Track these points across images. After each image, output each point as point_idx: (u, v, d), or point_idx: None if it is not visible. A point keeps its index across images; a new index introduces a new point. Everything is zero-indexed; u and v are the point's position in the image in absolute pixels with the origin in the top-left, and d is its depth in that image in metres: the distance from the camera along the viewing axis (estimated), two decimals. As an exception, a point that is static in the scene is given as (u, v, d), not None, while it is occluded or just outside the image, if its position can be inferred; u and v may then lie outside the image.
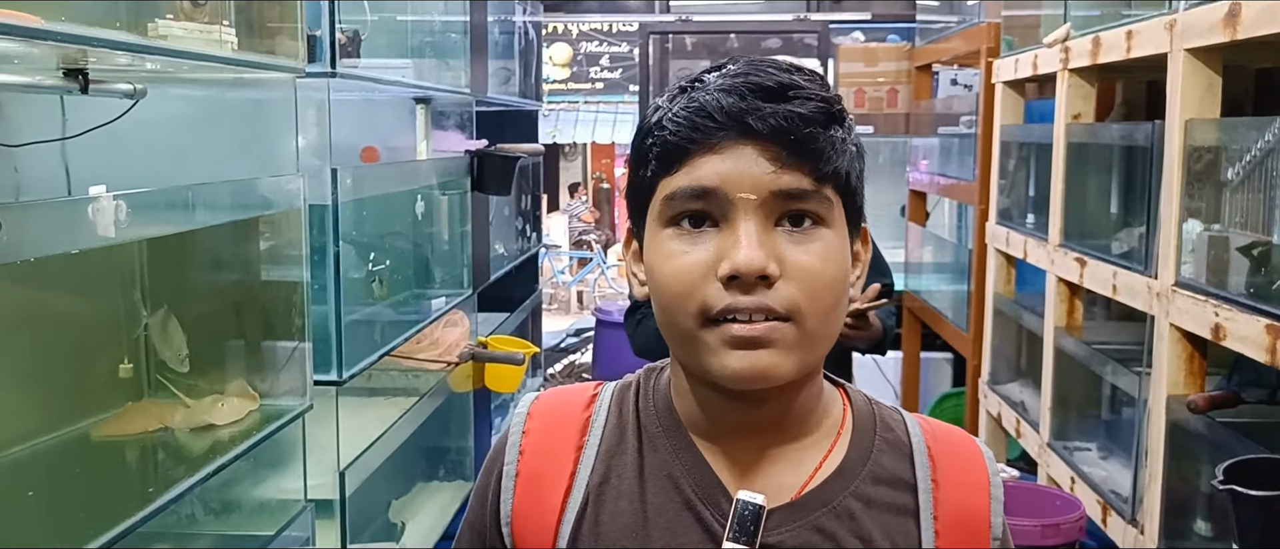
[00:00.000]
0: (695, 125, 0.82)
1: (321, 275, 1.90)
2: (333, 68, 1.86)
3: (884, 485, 0.89)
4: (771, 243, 0.81)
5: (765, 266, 0.80)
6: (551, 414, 0.95)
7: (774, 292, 0.81)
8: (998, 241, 3.35)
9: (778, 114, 0.81)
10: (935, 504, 0.89)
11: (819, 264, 0.82)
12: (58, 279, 1.48)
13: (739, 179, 0.81)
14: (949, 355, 4.94)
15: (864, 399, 0.95)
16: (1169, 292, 2.02)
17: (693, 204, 0.82)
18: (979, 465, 0.92)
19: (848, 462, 0.89)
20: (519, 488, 0.92)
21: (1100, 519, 2.39)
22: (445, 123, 2.96)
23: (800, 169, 0.81)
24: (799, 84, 0.83)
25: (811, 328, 0.82)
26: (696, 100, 0.83)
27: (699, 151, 0.82)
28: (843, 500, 0.88)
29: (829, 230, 0.83)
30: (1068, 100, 2.70)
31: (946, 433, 0.95)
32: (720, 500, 0.87)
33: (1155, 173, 2.15)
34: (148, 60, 1.42)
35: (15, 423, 1.43)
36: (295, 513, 1.76)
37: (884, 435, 0.92)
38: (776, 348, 0.81)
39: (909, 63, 5.13)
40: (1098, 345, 2.60)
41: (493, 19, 3.28)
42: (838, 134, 0.83)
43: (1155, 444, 2.09)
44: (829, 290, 0.83)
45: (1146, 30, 2.16)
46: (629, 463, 0.90)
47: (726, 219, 0.82)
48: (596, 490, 0.90)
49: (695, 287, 0.81)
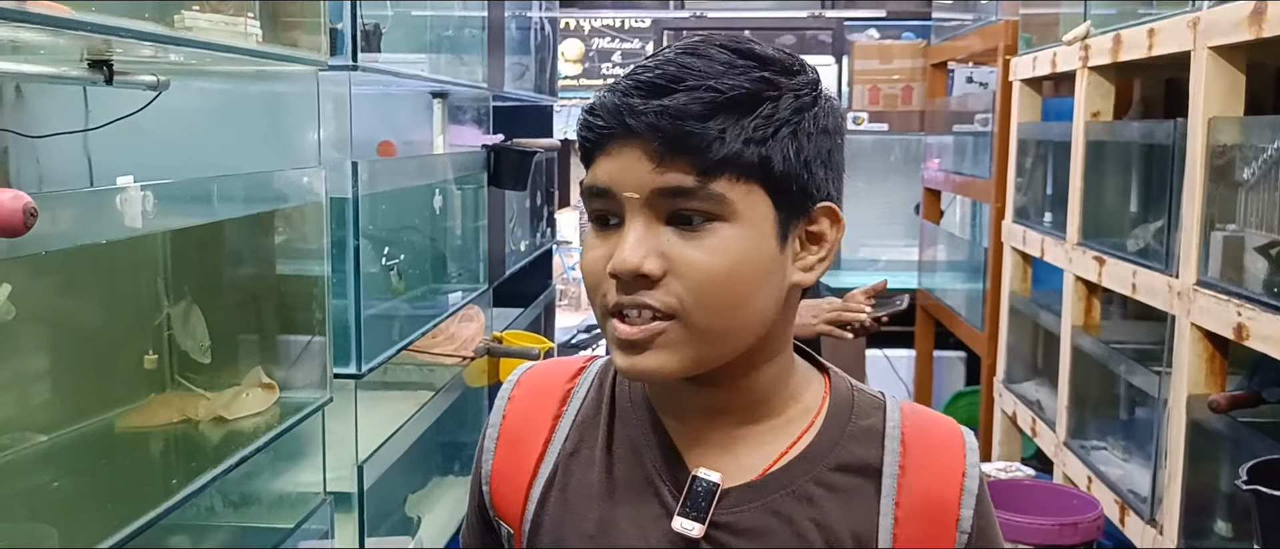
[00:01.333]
0: (589, 126, 0.83)
1: (341, 269, 1.90)
2: (354, 61, 1.86)
3: (851, 472, 0.89)
4: (656, 241, 0.81)
5: (640, 266, 0.80)
6: (537, 383, 0.97)
7: (656, 290, 0.81)
8: (1014, 240, 3.34)
9: (650, 111, 0.80)
10: (899, 490, 0.88)
11: (708, 260, 0.81)
12: (83, 270, 1.48)
13: (624, 178, 0.81)
14: (962, 354, 4.93)
15: (846, 385, 0.94)
16: (1190, 291, 2.01)
17: (595, 203, 0.84)
18: (955, 455, 0.90)
19: (815, 447, 0.89)
20: (499, 450, 0.95)
21: (1118, 519, 2.39)
22: (462, 117, 2.96)
23: (681, 165, 0.80)
24: (695, 73, 0.81)
25: (702, 324, 0.82)
26: (594, 100, 0.84)
27: (597, 151, 0.83)
28: (803, 485, 0.88)
29: (728, 224, 0.81)
30: (1087, 98, 2.69)
31: (928, 421, 0.93)
32: (680, 477, 0.88)
33: (1177, 171, 2.14)
34: (171, 52, 1.42)
35: (42, 414, 1.43)
36: (314, 506, 1.76)
37: (859, 421, 0.91)
38: (658, 349, 0.82)
39: (924, 60, 5.11)
40: (1115, 344, 2.59)
41: (509, 14, 3.28)
42: (731, 122, 0.80)
43: (1175, 444, 2.08)
44: (721, 286, 0.81)
45: (1169, 28, 2.15)
46: (600, 435, 0.92)
47: (624, 218, 0.82)
48: (567, 460, 0.92)
49: (598, 282, 0.83)
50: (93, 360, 1.51)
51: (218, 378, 1.62)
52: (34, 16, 1.02)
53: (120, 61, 1.42)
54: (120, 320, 1.51)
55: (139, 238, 1.41)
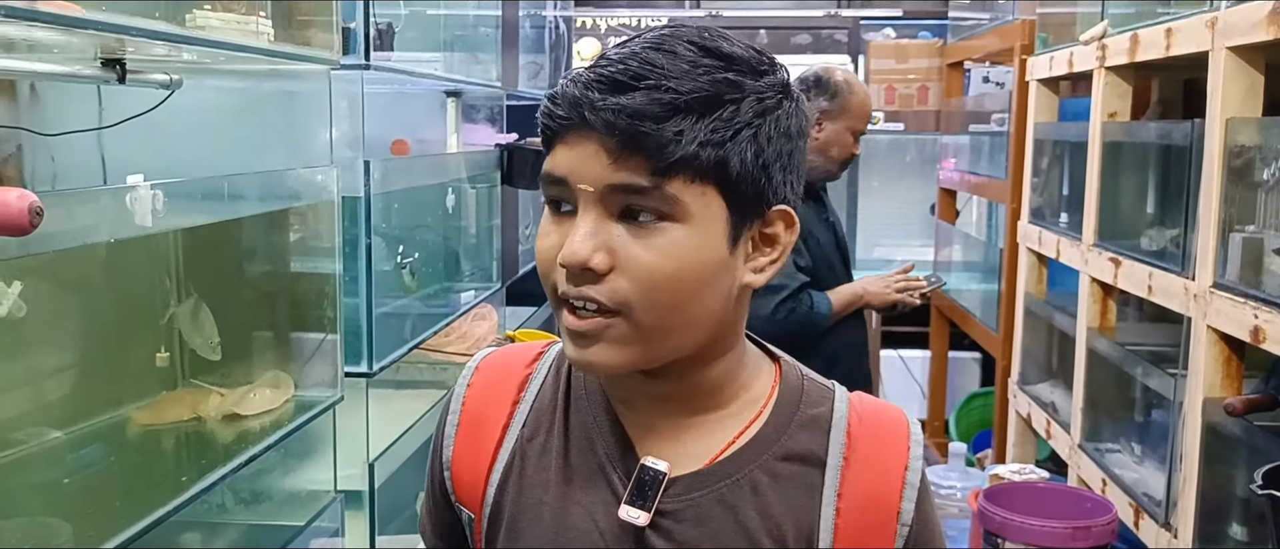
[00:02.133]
0: (550, 114, 0.83)
1: (353, 267, 1.90)
2: (366, 60, 1.86)
3: (795, 462, 0.89)
4: (605, 235, 0.81)
5: (587, 260, 0.80)
6: (496, 370, 0.98)
7: (603, 284, 0.81)
8: (1030, 241, 3.32)
9: (608, 108, 0.79)
10: (842, 482, 0.88)
11: (655, 259, 0.81)
12: (95, 268, 1.49)
13: (580, 171, 0.81)
14: (977, 355, 4.90)
15: (797, 374, 0.94)
16: (1207, 293, 2.00)
17: (552, 189, 0.84)
18: (898, 447, 0.91)
19: (761, 436, 0.90)
20: (459, 436, 0.96)
21: (1132, 522, 2.37)
22: (475, 116, 2.96)
23: (635, 163, 0.80)
24: (658, 71, 0.80)
25: (647, 322, 0.82)
26: (558, 89, 0.84)
27: (557, 139, 0.83)
28: (749, 473, 0.88)
29: (679, 225, 0.81)
30: (1104, 98, 2.67)
31: (877, 413, 0.93)
32: (630, 464, 0.89)
33: (1194, 173, 2.12)
34: (184, 51, 1.43)
35: (56, 410, 1.44)
36: (325, 504, 1.77)
37: (807, 410, 0.91)
38: (605, 342, 0.83)
39: (940, 60, 5.09)
40: (1131, 346, 2.58)
41: (523, 13, 3.28)
42: (687, 124, 0.79)
43: (1190, 447, 2.07)
44: (668, 286, 0.82)
45: (1187, 28, 2.14)
46: (556, 422, 0.93)
47: (576, 206, 0.83)
48: (525, 445, 0.93)
49: (550, 269, 0.84)
50: (105, 358, 1.51)
51: (230, 375, 1.63)
52: (47, 16, 1.03)
53: (133, 60, 1.42)
54: (132, 318, 1.51)
55: (151, 236, 1.42)
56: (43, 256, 1.24)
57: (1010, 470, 2.88)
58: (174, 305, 1.45)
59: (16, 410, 1.39)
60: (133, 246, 1.38)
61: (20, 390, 1.40)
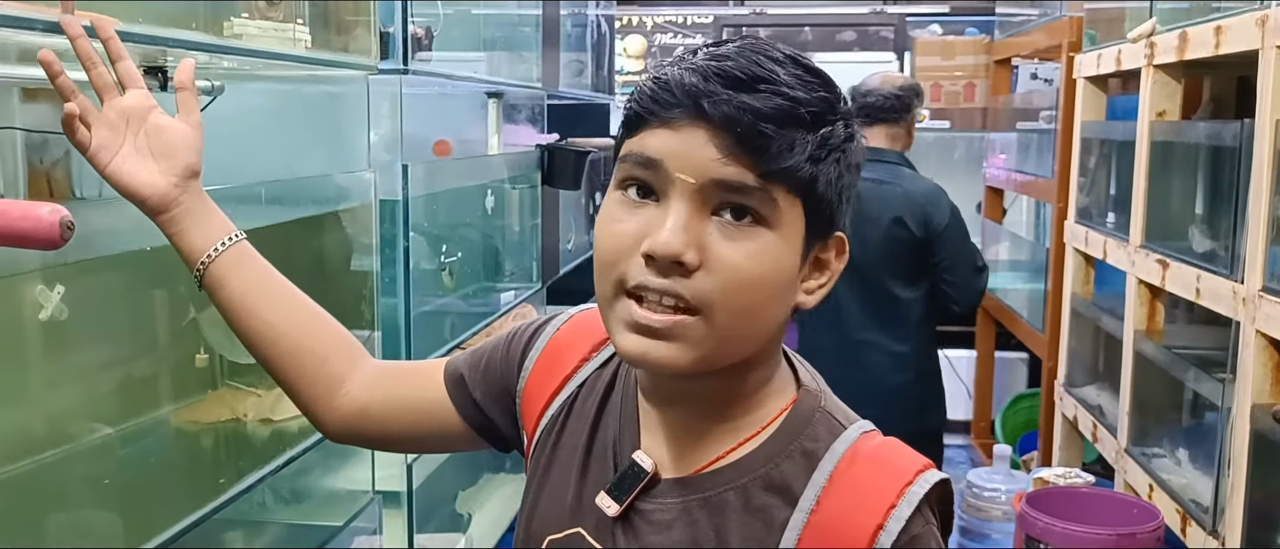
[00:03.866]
0: (656, 97, 0.82)
1: (392, 269, 1.93)
2: (405, 64, 1.88)
3: (773, 492, 0.86)
4: (699, 230, 0.80)
5: (682, 253, 0.79)
6: (584, 326, 1.01)
7: (690, 281, 0.80)
8: (1076, 241, 3.28)
9: (732, 103, 0.79)
10: (807, 526, 0.84)
11: (744, 262, 0.81)
12: (136, 271, 1.52)
13: (682, 159, 0.80)
14: (1024, 355, 4.85)
15: (813, 405, 0.90)
16: (1256, 297, 1.96)
17: (638, 171, 0.82)
18: (885, 494, 0.83)
19: (750, 458, 0.88)
20: (541, 359, 1.00)
21: (1180, 529, 2.33)
22: (517, 117, 2.97)
23: (746, 162, 0.80)
24: (774, 77, 0.80)
25: (722, 324, 0.81)
26: (666, 72, 0.82)
27: (655, 123, 0.82)
28: (723, 492, 0.87)
29: (770, 231, 0.81)
30: (1152, 97, 2.62)
31: (877, 461, 0.86)
32: (627, 454, 0.90)
33: (1243, 174, 2.08)
34: (225, 58, 1.45)
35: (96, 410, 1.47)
36: (363, 504, 1.79)
37: (804, 444, 0.88)
38: (676, 342, 0.81)
39: (988, 56, 5.03)
40: (1179, 350, 2.53)
41: (565, 12, 3.29)
42: (800, 135, 0.80)
43: (1238, 453, 2.03)
44: (750, 290, 0.81)
45: (1237, 26, 2.09)
46: (598, 395, 0.95)
47: (665, 196, 0.81)
48: (571, 405, 0.96)
49: (620, 256, 0.82)
50: (145, 359, 1.55)
51: (267, 376, 1.65)
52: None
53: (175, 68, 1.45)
54: (173, 320, 1.54)
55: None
56: (85, 261, 1.27)
57: (1054, 474, 2.84)
58: (193, 311, 1.47)
59: (57, 410, 1.42)
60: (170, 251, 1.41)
61: (60, 391, 1.43)
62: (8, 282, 1.18)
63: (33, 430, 1.36)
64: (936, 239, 2.92)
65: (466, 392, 1.03)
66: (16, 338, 1.32)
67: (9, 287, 1.21)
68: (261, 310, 1.07)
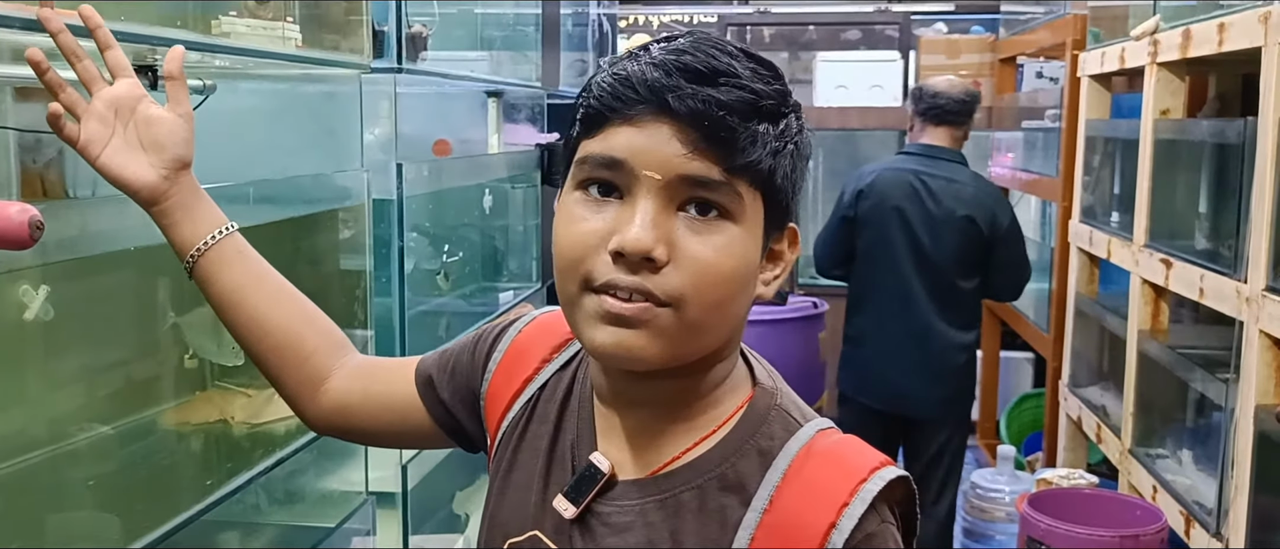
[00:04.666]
0: (617, 93, 0.80)
1: (386, 270, 1.91)
2: (399, 63, 1.87)
3: (728, 492, 0.85)
4: (667, 226, 0.80)
5: (652, 249, 0.78)
6: (546, 328, 1.01)
7: (659, 277, 0.79)
8: (1081, 240, 3.26)
9: (697, 97, 0.78)
10: (760, 525, 0.83)
11: (713, 257, 0.80)
12: (126, 270, 1.51)
13: (648, 156, 0.79)
14: (1030, 355, 4.82)
15: (768, 402, 0.89)
16: (1259, 296, 1.94)
17: (601, 172, 0.81)
18: (837, 491, 0.82)
19: (705, 459, 0.87)
20: (504, 360, 1.00)
21: (1183, 531, 2.31)
22: (517, 116, 2.96)
23: (711, 157, 0.79)
24: (734, 71, 0.80)
25: (692, 318, 0.80)
26: (625, 69, 0.81)
27: (617, 121, 0.80)
28: (679, 493, 0.86)
29: (735, 225, 0.81)
30: (1156, 95, 2.61)
31: (831, 458, 0.85)
32: (584, 458, 0.90)
33: (1247, 172, 2.06)
34: (215, 57, 1.44)
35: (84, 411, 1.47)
36: (356, 506, 1.78)
37: (759, 442, 0.86)
38: (647, 330, 0.80)
39: (993, 55, 5.01)
40: (1183, 349, 2.51)
41: (567, 12, 3.28)
42: (762, 128, 0.80)
43: (1242, 454, 2.01)
44: (719, 285, 0.81)
45: (1240, 23, 2.07)
46: (558, 399, 0.95)
47: (630, 193, 0.80)
48: (532, 406, 0.96)
49: (585, 254, 0.81)
50: (132, 359, 1.54)
51: (259, 376, 1.64)
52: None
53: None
54: (161, 320, 1.53)
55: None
56: (73, 261, 1.26)
57: (1058, 475, 2.82)
58: (173, 316, 1.46)
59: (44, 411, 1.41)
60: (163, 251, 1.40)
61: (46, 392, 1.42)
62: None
63: (19, 431, 1.35)
64: (1000, 238, 3.15)
65: (435, 392, 1.03)
66: (1, 338, 1.32)
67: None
68: (249, 304, 1.07)
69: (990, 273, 3.18)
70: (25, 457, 1.38)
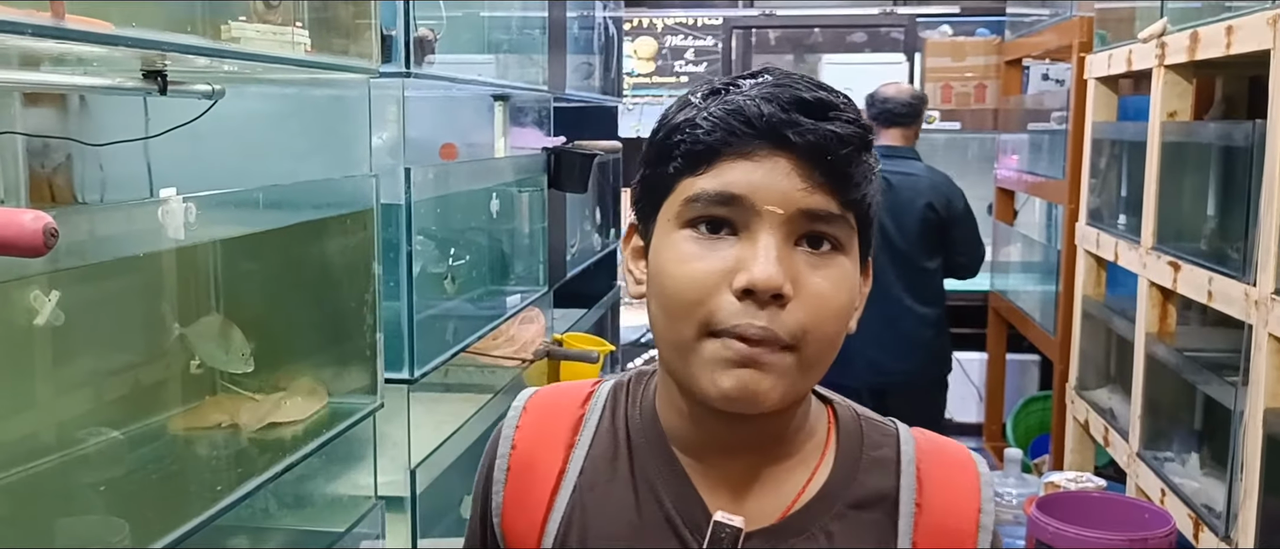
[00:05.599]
0: (731, 128, 0.79)
1: (395, 274, 1.92)
2: (407, 68, 1.87)
3: (866, 508, 0.86)
4: (789, 261, 0.79)
5: (783, 285, 0.77)
6: (547, 409, 0.94)
7: (784, 314, 0.78)
8: (1087, 243, 3.25)
9: (817, 131, 0.78)
10: (916, 528, 0.85)
11: (831, 290, 0.80)
12: (132, 275, 1.51)
13: (768, 191, 0.78)
14: (1036, 357, 4.81)
15: (852, 416, 0.91)
16: (1268, 299, 1.93)
17: (716, 209, 0.79)
18: (970, 489, 0.88)
19: (830, 484, 0.86)
20: (510, 480, 0.92)
21: (1192, 534, 2.30)
22: (523, 119, 2.96)
23: (830, 191, 0.79)
24: (836, 104, 0.80)
25: (810, 356, 0.80)
26: (733, 103, 0.80)
27: (730, 156, 0.79)
28: (823, 524, 0.85)
29: (845, 257, 0.81)
30: (1163, 98, 2.60)
31: (942, 450, 0.90)
32: (699, 519, 0.85)
33: (1255, 175, 2.05)
34: (223, 62, 1.44)
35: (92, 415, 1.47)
36: (365, 510, 1.78)
37: (871, 454, 0.88)
38: (772, 373, 0.78)
39: (998, 57, 5.00)
40: (1191, 352, 2.50)
41: (572, 15, 3.28)
42: (869, 161, 0.81)
43: (1252, 458, 2.00)
44: (835, 319, 0.80)
45: (1248, 25, 2.07)
46: (619, 471, 0.89)
47: (747, 229, 0.79)
48: (584, 494, 0.89)
49: (706, 295, 0.78)
50: (139, 363, 1.54)
51: (267, 381, 1.65)
52: (76, 33, 1.04)
53: (175, 71, 1.44)
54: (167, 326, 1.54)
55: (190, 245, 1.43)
56: (83, 267, 1.27)
57: (1065, 478, 2.81)
58: (178, 328, 1.46)
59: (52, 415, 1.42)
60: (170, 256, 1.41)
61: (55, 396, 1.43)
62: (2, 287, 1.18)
63: (29, 436, 1.36)
64: (956, 219, 3.52)
65: None
66: (11, 344, 1.32)
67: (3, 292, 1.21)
68: None
69: (949, 253, 3.54)
70: (35, 462, 1.39)
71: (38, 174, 1.69)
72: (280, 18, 1.41)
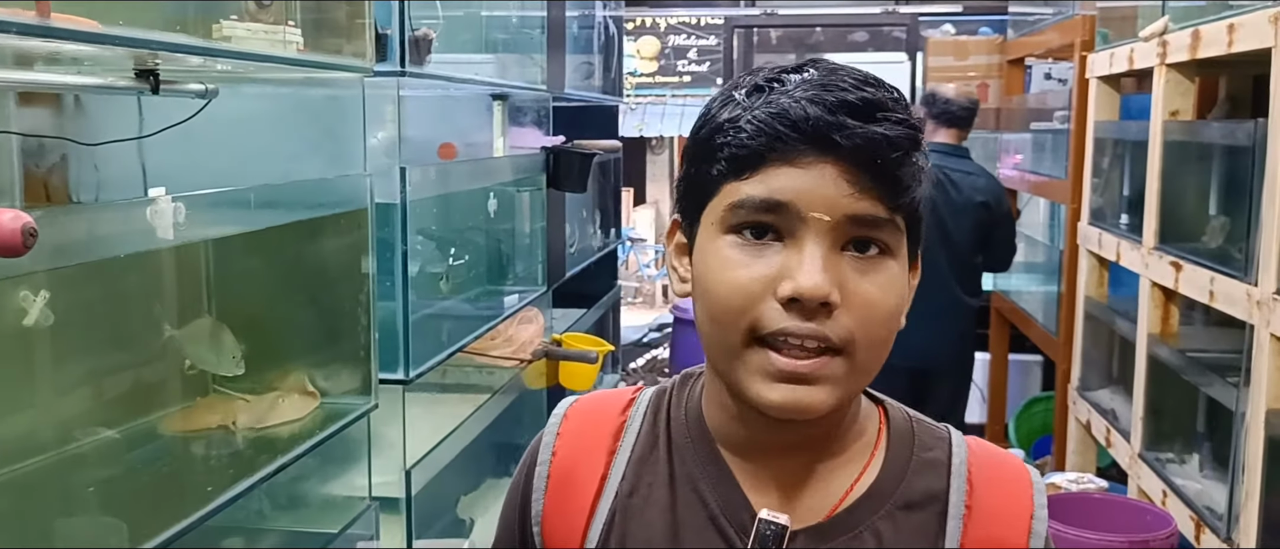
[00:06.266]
0: (777, 133, 0.76)
1: (389, 275, 1.91)
2: (402, 67, 1.86)
3: (916, 509, 0.84)
4: (836, 268, 0.77)
5: (830, 294, 0.75)
6: (587, 417, 0.93)
7: (832, 321, 0.76)
8: (1090, 243, 3.24)
9: (865, 135, 0.75)
10: (965, 532, 0.83)
11: (880, 296, 0.78)
12: (121, 276, 1.51)
13: (814, 198, 0.76)
14: (1039, 358, 4.80)
15: (904, 417, 0.89)
16: (1270, 299, 1.92)
17: (761, 216, 0.77)
18: (1023, 496, 0.86)
19: (879, 484, 0.85)
20: (551, 488, 0.91)
21: (1193, 536, 2.29)
22: (522, 119, 2.95)
23: (878, 195, 0.76)
24: (885, 103, 0.77)
25: (861, 361, 0.78)
26: (778, 105, 0.77)
27: (775, 162, 0.77)
28: (872, 522, 0.84)
29: (893, 260, 0.79)
30: (1165, 96, 2.59)
31: (995, 458, 0.88)
32: (744, 519, 0.84)
33: (1257, 174, 2.04)
34: (217, 61, 1.43)
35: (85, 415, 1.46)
36: (359, 511, 1.77)
37: (922, 455, 0.87)
38: (822, 384, 0.77)
39: (1001, 56, 4.98)
40: (1193, 353, 2.49)
41: (572, 14, 3.27)
42: (918, 162, 0.78)
43: (1253, 459, 1.99)
44: (885, 323, 0.79)
45: (1249, 23, 2.06)
46: (660, 474, 0.88)
47: (792, 236, 0.77)
48: (626, 499, 0.88)
49: (751, 303, 0.77)
50: (133, 364, 1.53)
51: (261, 382, 1.64)
52: (64, 32, 1.03)
53: (168, 71, 1.43)
54: (161, 327, 1.53)
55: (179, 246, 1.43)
56: (74, 266, 1.26)
57: (1067, 480, 2.80)
58: (169, 330, 1.46)
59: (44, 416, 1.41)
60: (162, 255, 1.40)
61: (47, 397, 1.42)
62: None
63: (22, 436, 1.35)
64: (1002, 218, 3.67)
65: None
66: (2, 345, 1.31)
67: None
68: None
69: (990, 248, 3.68)
70: (28, 462, 1.38)
71: (33, 174, 1.69)
72: (272, 17, 1.41)
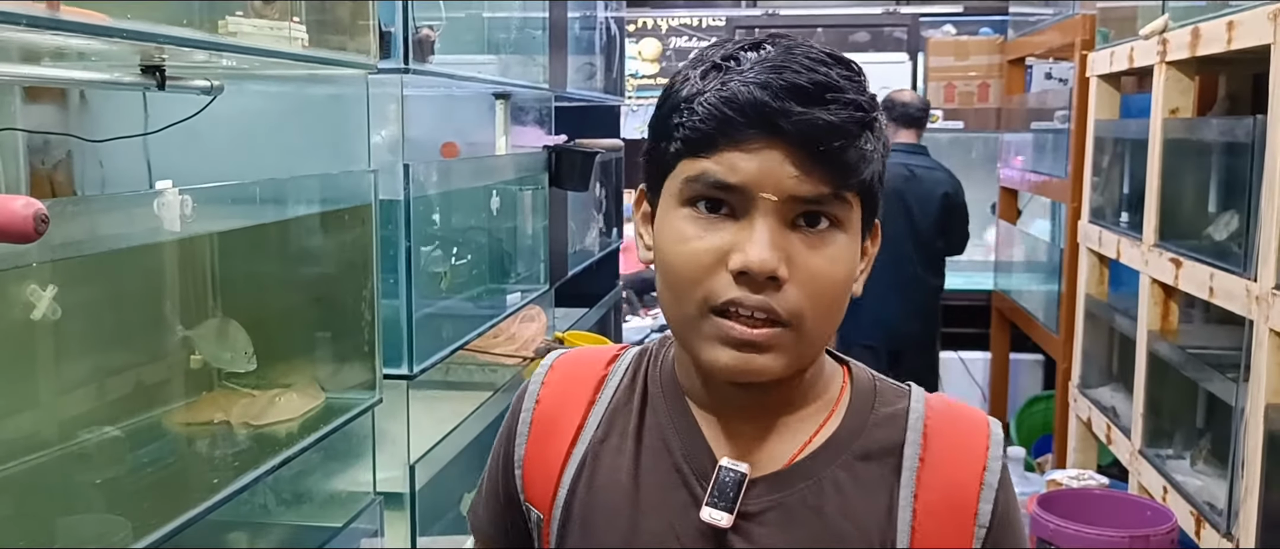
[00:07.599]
0: (725, 118, 0.80)
1: (393, 271, 1.92)
2: (406, 64, 1.87)
3: (874, 459, 0.88)
4: (785, 243, 0.80)
5: (777, 269, 0.79)
6: (572, 369, 0.98)
7: (780, 294, 0.80)
8: (1090, 241, 3.24)
9: (808, 120, 0.78)
10: (918, 482, 0.87)
11: (828, 268, 0.82)
12: (127, 271, 1.51)
13: (762, 179, 0.80)
14: (1040, 357, 4.80)
15: (867, 375, 0.94)
16: (1269, 295, 1.92)
17: (713, 192, 0.81)
18: (977, 447, 0.89)
19: (838, 436, 0.89)
20: (532, 434, 0.95)
21: (1193, 532, 2.29)
22: (524, 118, 2.96)
23: (823, 177, 0.80)
24: (836, 83, 0.80)
25: (810, 331, 0.82)
26: (729, 89, 0.80)
27: (726, 145, 0.80)
28: (830, 472, 0.87)
29: (843, 233, 0.83)
30: (1165, 94, 2.59)
31: (954, 412, 0.92)
32: (707, 467, 0.88)
33: (1256, 171, 2.05)
34: (222, 57, 1.44)
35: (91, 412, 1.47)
36: (364, 506, 1.78)
37: (882, 409, 0.90)
38: (772, 352, 0.81)
39: (1001, 56, 4.99)
40: (1194, 349, 2.50)
41: (574, 15, 3.28)
42: (868, 144, 0.81)
43: (1253, 455, 1.99)
44: (833, 294, 0.83)
45: (1249, 20, 2.06)
46: (631, 424, 0.92)
47: (744, 211, 0.81)
48: (597, 447, 0.92)
49: (704, 274, 0.81)
50: (138, 359, 1.54)
51: (265, 378, 1.65)
52: (72, 25, 1.04)
53: (174, 67, 1.44)
54: (167, 319, 1.54)
55: (185, 240, 1.44)
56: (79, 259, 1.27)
57: (1068, 476, 2.81)
58: (181, 331, 1.47)
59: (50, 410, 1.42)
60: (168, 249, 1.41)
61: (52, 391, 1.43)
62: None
63: (27, 431, 1.36)
64: (959, 206, 4.14)
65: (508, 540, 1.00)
66: (9, 339, 1.32)
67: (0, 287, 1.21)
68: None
69: (949, 232, 4.13)
70: (33, 456, 1.39)
71: (38, 171, 1.70)
72: (277, 13, 1.42)
